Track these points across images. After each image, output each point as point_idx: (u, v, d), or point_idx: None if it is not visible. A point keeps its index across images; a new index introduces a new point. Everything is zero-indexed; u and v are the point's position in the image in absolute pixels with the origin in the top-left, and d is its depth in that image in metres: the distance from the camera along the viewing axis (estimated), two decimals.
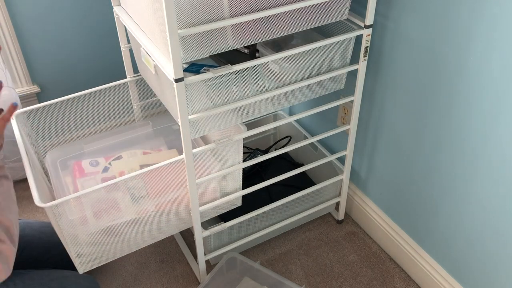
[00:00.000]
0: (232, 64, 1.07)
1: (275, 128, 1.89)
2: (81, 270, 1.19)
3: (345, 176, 1.55)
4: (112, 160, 1.34)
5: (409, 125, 1.32)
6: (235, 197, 1.33)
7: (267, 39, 1.11)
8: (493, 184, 1.12)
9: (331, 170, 1.59)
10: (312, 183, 1.64)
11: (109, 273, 1.52)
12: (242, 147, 1.23)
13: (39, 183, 1.13)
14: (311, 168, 1.46)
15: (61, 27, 1.68)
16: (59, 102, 1.34)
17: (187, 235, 1.62)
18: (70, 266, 1.20)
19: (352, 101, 1.37)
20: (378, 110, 1.42)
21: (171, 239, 1.62)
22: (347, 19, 1.22)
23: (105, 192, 1.08)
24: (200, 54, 1.03)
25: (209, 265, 1.51)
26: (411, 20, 1.19)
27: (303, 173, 1.67)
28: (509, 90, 1.01)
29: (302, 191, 1.48)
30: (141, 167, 1.31)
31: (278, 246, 1.59)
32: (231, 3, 0.99)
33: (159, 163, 1.13)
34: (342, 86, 1.35)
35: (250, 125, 1.28)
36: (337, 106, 1.55)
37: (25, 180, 1.84)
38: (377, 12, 1.25)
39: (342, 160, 1.55)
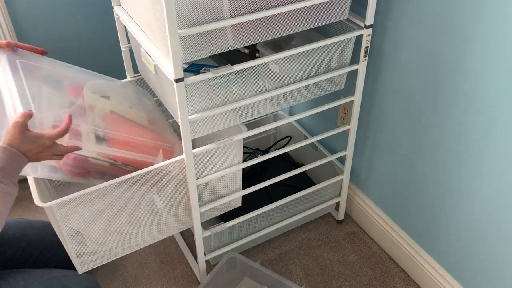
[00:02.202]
0: (232, 64, 1.07)
1: (275, 128, 1.89)
2: (80, 270, 1.19)
3: (345, 176, 1.55)
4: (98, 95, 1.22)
5: (409, 125, 1.32)
6: (235, 197, 1.33)
7: (267, 39, 1.11)
8: (493, 183, 1.12)
9: (331, 170, 1.59)
10: (312, 183, 1.64)
11: (109, 273, 1.52)
12: (242, 147, 1.23)
13: (39, 183, 1.13)
14: (311, 168, 1.46)
15: (61, 27, 1.68)
16: None
17: (187, 235, 1.62)
18: (72, 266, 1.20)
19: (352, 101, 1.37)
20: (378, 110, 1.42)
21: (171, 239, 1.62)
22: (347, 19, 1.22)
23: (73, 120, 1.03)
24: (200, 54, 1.03)
25: (209, 265, 1.51)
26: (411, 20, 1.19)
27: (303, 173, 1.66)
28: (509, 90, 1.01)
29: (302, 191, 1.48)
30: (111, 112, 1.20)
31: (278, 246, 1.59)
32: (231, 3, 0.99)
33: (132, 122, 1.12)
34: (342, 86, 1.35)
35: (250, 125, 1.28)
36: (337, 106, 1.55)
37: (25, 180, 1.84)
38: (377, 12, 1.25)
39: (342, 160, 1.55)
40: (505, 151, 1.06)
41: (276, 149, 1.43)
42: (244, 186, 1.33)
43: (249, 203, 1.40)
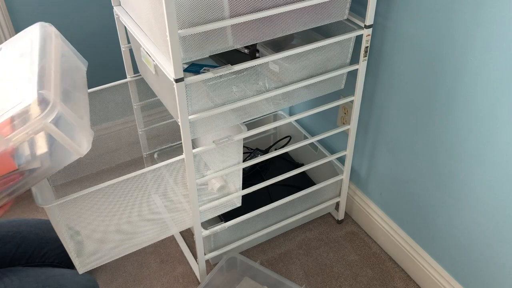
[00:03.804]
0: (232, 64, 1.07)
1: (275, 128, 1.89)
2: (80, 270, 1.19)
3: (345, 176, 1.55)
4: None
5: (409, 125, 1.32)
6: (235, 197, 1.33)
7: (267, 39, 1.11)
8: (493, 184, 1.12)
9: (331, 170, 1.59)
10: (312, 183, 1.64)
11: (109, 273, 1.52)
12: (242, 147, 1.23)
13: (39, 183, 1.13)
14: (311, 168, 1.46)
15: (61, 27, 1.67)
16: None
17: (187, 235, 1.63)
18: (68, 262, 1.20)
19: (352, 101, 1.37)
20: (378, 110, 1.42)
21: (171, 239, 1.62)
22: (347, 19, 1.22)
23: None
24: (200, 54, 1.03)
25: (209, 265, 1.51)
26: (411, 20, 1.19)
27: (303, 173, 1.66)
28: (508, 91, 1.01)
29: (302, 191, 1.48)
30: None
31: (278, 246, 1.59)
32: (231, 3, 0.99)
33: None
34: (342, 86, 1.35)
35: (250, 125, 1.28)
36: (337, 106, 1.55)
37: None
38: (377, 12, 1.25)
39: (342, 160, 1.55)
40: (505, 150, 1.06)
41: (276, 149, 1.43)
42: (244, 186, 1.33)
43: (249, 203, 1.40)
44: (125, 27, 1.32)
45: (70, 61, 0.96)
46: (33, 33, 0.95)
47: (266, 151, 1.73)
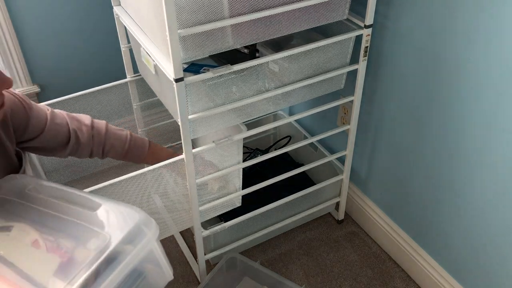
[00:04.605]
0: (232, 64, 1.07)
1: (275, 128, 1.89)
2: None
3: (345, 176, 1.55)
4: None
5: (409, 125, 1.32)
6: (235, 197, 1.33)
7: (267, 39, 1.11)
8: (492, 184, 1.12)
9: (331, 170, 1.59)
10: (312, 183, 1.64)
11: None
12: (242, 147, 1.23)
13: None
14: (311, 168, 1.46)
15: (61, 27, 1.68)
16: (59, 102, 1.34)
17: (187, 235, 1.62)
18: None
19: (352, 101, 1.37)
20: (378, 110, 1.42)
21: (171, 239, 1.62)
22: (347, 19, 1.22)
23: None
24: (200, 54, 1.03)
25: (209, 265, 1.51)
26: (411, 20, 1.19)
27: (303, 173, 1.66)
28: (508, 90, 1.01)
29: (302, 191, 1.48)
30: None
31: (278, 246, 1.59)
32: (231, 3, 0.99)
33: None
34: (342, 86, 1.35)
35: (250, 125, 1.28)
36: (337, 106, 1.55)
37: None
38: (377, 12, 1.25)
39: (342, 160, 1.55)
40: (505, 151, 1.06)
41: (276, 149, 1.43)
42: (244, 186, 1.33)
43: (249, 203, 1.40)
44: (125, 27, 1.32)
45: (150, 274, 0.82)
46: (126, 223, 0.80)
47: (266, 151, 1.73)
